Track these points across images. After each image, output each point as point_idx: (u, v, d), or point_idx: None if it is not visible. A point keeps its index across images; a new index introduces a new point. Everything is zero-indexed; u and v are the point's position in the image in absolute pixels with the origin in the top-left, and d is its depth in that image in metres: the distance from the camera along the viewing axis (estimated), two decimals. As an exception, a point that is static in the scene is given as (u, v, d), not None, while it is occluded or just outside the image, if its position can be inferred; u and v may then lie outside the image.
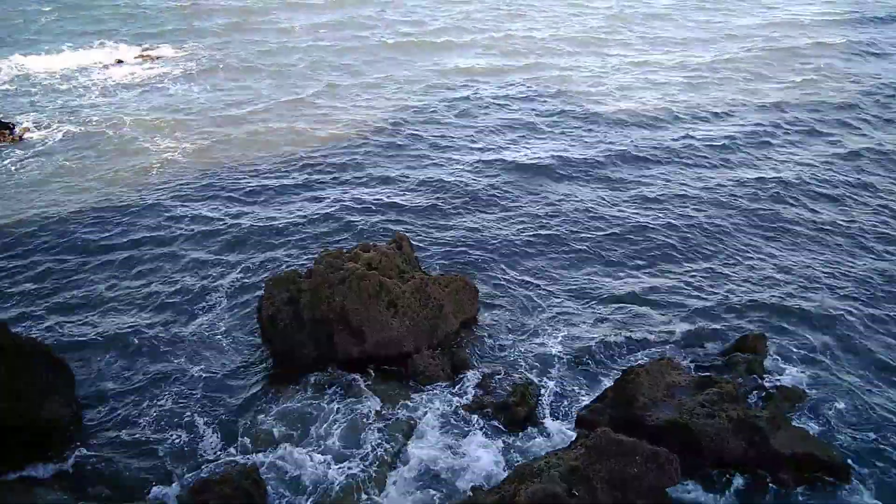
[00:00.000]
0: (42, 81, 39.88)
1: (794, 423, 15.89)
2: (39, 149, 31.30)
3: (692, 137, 32.49)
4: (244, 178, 28.57)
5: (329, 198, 27.17)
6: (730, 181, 28.38)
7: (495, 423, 16.51)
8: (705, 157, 30.57)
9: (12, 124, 33.52)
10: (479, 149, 31.29)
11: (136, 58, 43.75)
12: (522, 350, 19.08)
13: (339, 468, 15.23)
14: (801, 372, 18.03)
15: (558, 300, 21.19)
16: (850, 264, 22.82)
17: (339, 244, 23.05)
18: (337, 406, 16.98)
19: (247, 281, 21.97)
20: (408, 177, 28.79)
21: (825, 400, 17.16)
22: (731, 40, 49.51)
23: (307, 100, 36.87)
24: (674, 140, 32.26)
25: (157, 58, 43.73)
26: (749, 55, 45.55)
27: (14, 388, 15.45)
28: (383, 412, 16.75)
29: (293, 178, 28.72)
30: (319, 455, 15.52)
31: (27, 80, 40.22)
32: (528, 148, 31.40)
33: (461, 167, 29.53)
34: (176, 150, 30.90)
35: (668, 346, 19.14)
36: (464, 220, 25.68)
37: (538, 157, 30.34)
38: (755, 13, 57.34)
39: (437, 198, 27.05)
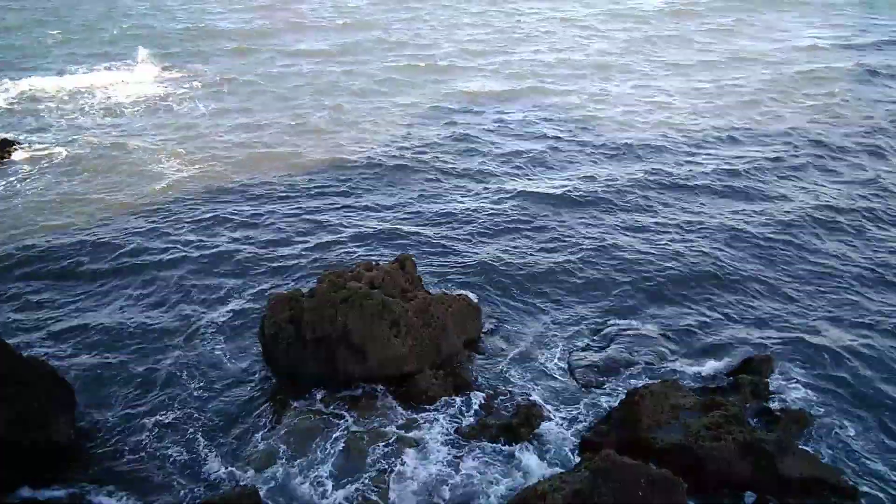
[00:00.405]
0: (49, 102, 40.18)
1: (801, 447, 15.67)
2: (43, 168, 31.43)
3: (701, 165, 32.31)
4: (248, 200, 28.62)
5: (333, 220, 27.19)
6: (739, 209, 28.19)
7: (498, 444, 16.33)
8: (713, 186, 30.28)
9: (17, 143, 33.71)
10: (484, 174, 31.24)
11: (142, 79, 44.08)
12: (526, 370, 18.93)
13: (340, 489, 15.06)
14: (808, 395, 17.85)
15: (562, 321, 21.07)
16: (860, 293, 22.61)
17: (343, 264, 23.03)
18: (338, 426, 16.83)
19: (249, 301, 21.91)
20: (412, 200, 28.80)
21: (833, 423, 16.96)
22: (742, 65, 49.70)
23: (312, 123, 37.04)
24: (682, 168, 32.08)
25: (165, 79, 44.06)
26: (761, 80, 45.68)
27: (18, 409, 15.36)
28: (385, 432, 16.58)
29: (297, 200, 28.75)
30: (320, 475, 15.36)
31: (34, 101, 40.54)
32: (533, 175, 31.35)
33: (466, 192, 29.52)
34: (181, 172, 30.99)
35: (672, 369, 18.97)
36: (468, 243, 25.65)
37: (543, 184, 30.34)
38: (765, 37, 57.64)
39: (442, 221, 27.04)
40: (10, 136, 34.61)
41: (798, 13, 65.59)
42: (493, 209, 27.99)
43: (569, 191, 29.57)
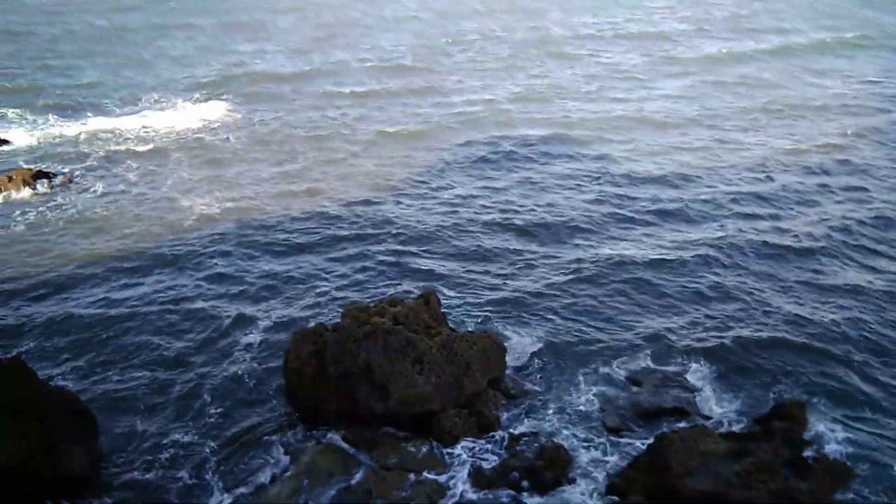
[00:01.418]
0: (86, 137, 40.90)
1: (836, 497, 15.13)
2: (75, 200, 31.97)
3: (721, 193, 32.30)
4: (276, 234, 28.76)
5: (359, 253, 27.24)
6: (764, 238, 27.92)
7: (523, 487, 15.95)
8: (736, 214, 30.29)
9: (52, 174, 34.40)
10: (512, 209, 31.02)
11: (179, 118, 44.62)
12: (551, 411, 18.59)
13: (360, 530, 14.77)
14: (844, 443, 17.27)
15: (589, 362, 20.72)
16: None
17: (367, 298, 22.98)
18: (358, 465, 16.59)
19: (274, 335, 21.88)
20: (438, 234, 28.75)
21: (869, 474, 16.36)
22: (758, 91, 49.69)
23: (344, 161, 37.06)
24: (699, 195, 32.14)
25: (200, 118, 44.47)
26: (783, 107, 45.59)
27: (39, 438, 15.38)
28: (406, 474, 16.29)
29: (324, 233, 28.86)
30: (340, 516, 15.10)
31: (72, 136, 41.34)
32: (559, 207, 31.18)
33: (492, 226, 29.36)
34: (212, 205, 31.27)
35: (702, 413, 18.51)
36: (494, 279, 25.48)
37: (569, 216, 30.24)
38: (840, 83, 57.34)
39: (468, 257, 26.94)
40: (46, 167, 35.24)
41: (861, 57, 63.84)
42: (519, 244, 27.87)
43: (591, 223, 29.54)
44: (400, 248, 27.61)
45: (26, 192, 32.37)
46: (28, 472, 15.02)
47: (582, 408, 18.75)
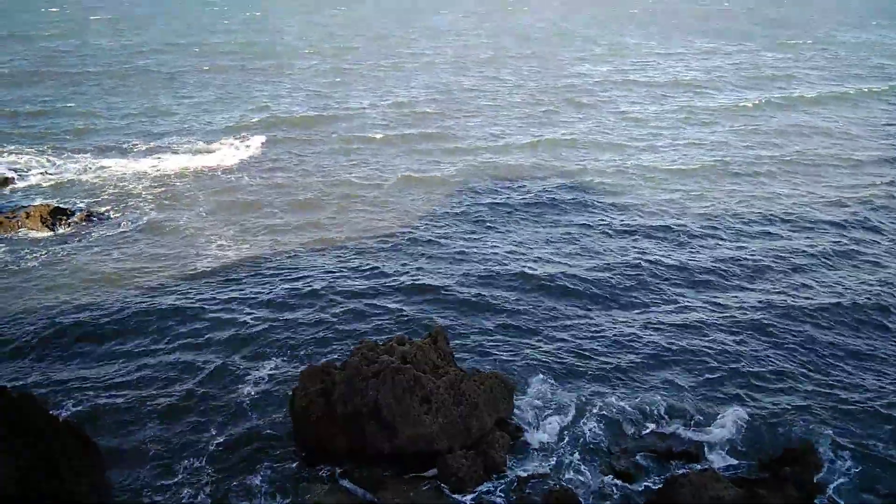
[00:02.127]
0: (105, 175, 41.66)
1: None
2: (94, 238, 32.46)
3: (743, 250, 31.60)
4: (289, 273, 29.04)
5: (369, 290, 27.43)
6: (777, 297, 27.66)
7: (529, 530, 15.76)
8: (751, 272, 29.67)
9: (70, 211, 35.00)
10: (525, 257, 30.99)
11: (201, 159, 45.24)
12: (559, 454, 18.47)
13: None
14: (856, 489, 17.00)
15: (598, 403, 20.63)
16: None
17: (376, 335, 23.04)
18: (365, 504, 16.47)
19: (283, 372, 21.98)
20: (449, 276, 28.86)
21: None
22: (785, 140, 49.69)
23: (357, 202, 37.56)
24: (715, 253, 31.58)
25: (223, 159, 44.89)
26: (811, 158, 45.38)
27: (47, 469, 15.42)
28: (412, 514, 16.16)
29: (336, 274, 29.10)
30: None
31: (90, 173, 42.14)
32: (574, 256, 31.09)
33: (504, 272, 29.32)
34: (226, 246, 31.71)
35: (710, 456, 18.31)
36: (501, 318, 25.56)
37: (584, 265, 30.27)
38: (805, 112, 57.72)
39: (477, 298, 26.99)
40: (63, 204, 35.88)
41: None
42: (530, 293, 27.73)
43: (605, 273, 29.38)
44: (411, 288, 27.73)
45: (44, 229, 32.90)
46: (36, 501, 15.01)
47: (590, 449, 18.62)
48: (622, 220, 35.02)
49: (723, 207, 36.83)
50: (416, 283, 28.09)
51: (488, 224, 34.40)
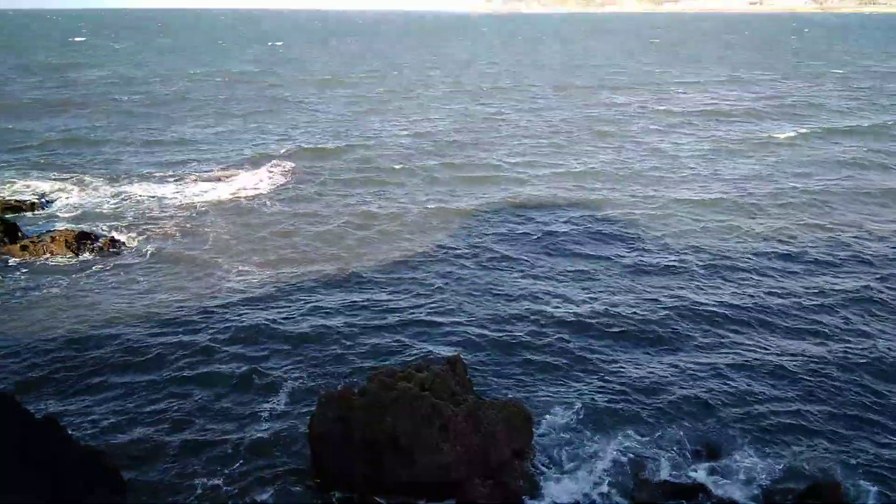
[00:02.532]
0: (129, 201, 42.40)
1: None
2: (116, 264, 32.90)
3: (772, 288, 30.43)
4: (308, 299, 29.18)
5: (389, 319, 27.45)
6: (807, 339, 27.14)
7: (547, 562, 15.55)
8: (778, 311, 28.51)
9: (95, 235, 35.56)
10: (543, 287, 30.79)
11: (217, 184, 46.08)
12: (578, 484, 18.23)
13: None
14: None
15: (618, 434, 20.39)
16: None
17: (395, 362, 23.04)
18: (382, 533, 16.34)
19: (300, 398, 22.00)
20: (470, 306, 28.80)
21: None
22: (807, 173, 49.18)
23: (378, 230, 37.78)
24: (742, 291, 30.46)
25: (238, 186, 45.76)
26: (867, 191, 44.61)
27: (66, 496, 15.49)
28: (430, 543, 16.01)
29: (355, 300, 29.19)
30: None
31: (114, 199, 42.91)
32: (590, 291, 30.78)
33: (522, 303, 29.20)
34: (248, 272, 31.93)
35: (734, 493, 18.00)
36: (521, 347, 25.43)
37: (600, 301, 30.13)
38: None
39: (496, 328, 26.89)
40: (90, 230, 36.41)
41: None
42: (556, 332, 27.50)
43: (646, 308, 28.95)
44: (430, 319, 27.70)
45: (68, 253, 33.42)
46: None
47: (610, 481, 18.37)
48: (647, 255, 34.31)
49: (751, 243, 35.89)
50: (436, 314, 28.05)
51: (510, 256, 34.10)
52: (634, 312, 28.18)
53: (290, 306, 28.50)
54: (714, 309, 28.56)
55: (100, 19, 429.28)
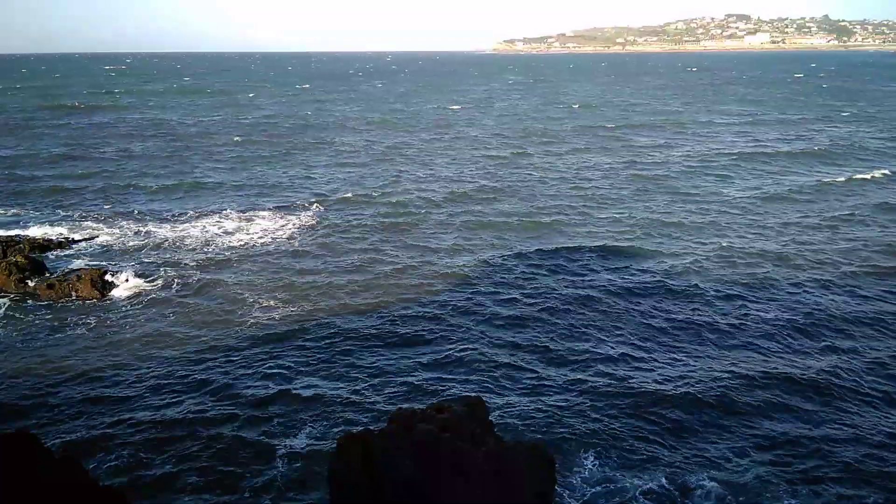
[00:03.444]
0: (154, 241, 43.00)
1: None
2: (140, 302, 33.25)
3: (834, 350, 28.26)
4: (329, 337, 29.16)
5: (409, 358, 27.28)
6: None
7: None
8: (832, 375, 27.12)
9: (119, 274, 36.02)
10: (572, 334, 30.48)
11: (242, 225, 46.54)
12: (602, 532, 17.67)
13: None
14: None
15: (643, 480, 19.84)
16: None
17: (415, 403, 22.76)
18: (400, 580, 15.92)
19: (320, 439, 21.77)
20: (494, 348, 28.57)
21: None
22: (867, 222, 47.32)
23: (404, 268, 37.81)
24: (800, 354, 29.27)
25: (263, 228, 46.20)
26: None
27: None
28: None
29: (379, 338, 29.13)
30: None
31: (139, 239, 43.57)
32: (622, 339, 30.44)
33: (549, 349, 28.74)
34: (271, 310, 32.02)
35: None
36: (544, 389, 25.07)
37: (634, 347, 29.81)
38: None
39: (521, 371, 26.55)
40: (115, 269, 37.01)
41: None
42: (578, 375, 27.18)
43: (675, 354, 28.65)
44: (452, 357, 27.49)
45: (93, 292, 33.78)
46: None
47: (635, 529, 17.79)
48: (685, 304, 33.07)
49: (813, 302, 33.05)
50: (458, 356, 27.79)
51: (537, 303, 33.45)
52: (663, 355, 27.76)
53: (311, 347, 28.42)
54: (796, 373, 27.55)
55: (122, 61, 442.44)
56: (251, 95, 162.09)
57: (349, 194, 55.51)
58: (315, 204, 51.94)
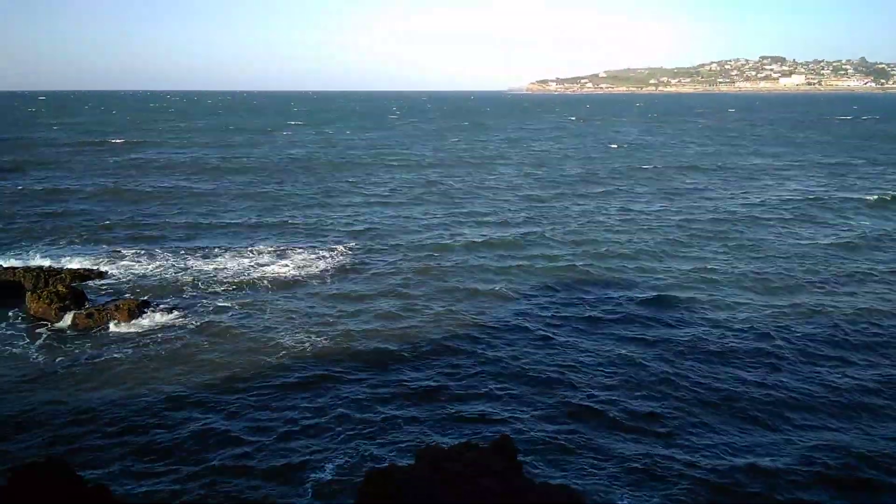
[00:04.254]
0: (191, 273, 43.80)
1: None
2: (176, 332, 33.80)
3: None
4: (358, 375, 29.18)
5: (438, 396, 27.19)
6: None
7: None
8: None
9: (155, 305, 36.72)
10: (604, 377, 30.42)
11: (278, 258, 47.16)
12: (632, 579, 17.22)
13: None
14: None
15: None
16: None
17: (443, 441, 22.61)
18: None
19: (347, 475, 21.69)
20: (519, 384, 28.43)
21: None
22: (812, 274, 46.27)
23: (435, 306, 37.74)
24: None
25: (298, 262, 46.83)
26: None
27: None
28: None
29: (405, 375, 29.12)
30: None
31: (176, 271, 44.44)
32: (638, 390, 30.29)
33: (581, 391, 28.58)
34: (303, 343, 32.25)
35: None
36: (573, 432, 24.71)
37: (673, 388, 29.31)
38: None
39: (547, 408, 26.33)
40: (152, 301, 37.80)
41: None
42: (616, 421, 26.83)
43: (714, 399, 28.09)
44: (482, 395, 27.33)
45: (131, 322, 34.49)
46: None
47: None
48: (755, 366, 31.36)
49: None
50: (487, 393, 27.63)
51: (577, 346, 33.07)
52: (702, 400, 27.25)
53: (340, 383, 28.45)
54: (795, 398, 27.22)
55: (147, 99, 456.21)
56: (286, 133, 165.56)
57: (381, 233, 55.69)
58: (348, 242, 52.35)
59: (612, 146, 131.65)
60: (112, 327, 34.19)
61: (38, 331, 33.90)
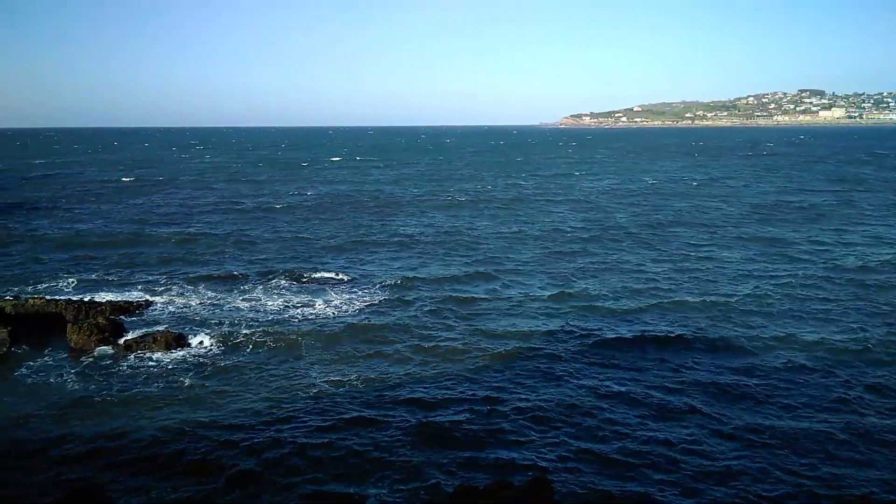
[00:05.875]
0: (227, 308, 44.18)
1: None
2: (210, 365, 34.07)
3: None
4: (390, 414, 28.72)
5: (472, 434, 26.71)
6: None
7: None
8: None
9: (192, 339, 37.19)
10: (643, 417, 29.77)
11: (312, 297, 47.26)
12: None
13: None
14: None
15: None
16: None
17: (478, 480, 22.14)
18: None
19: (378, 510, 21.33)
20: (554, 424, 27.87)
21: None
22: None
23: (469, 344, 37.26)
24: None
25: (335, 300, 46.91)
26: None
27: None
28: None
29: (438, 414, 28.67)
30: None
31: (217, 306, 44.88)
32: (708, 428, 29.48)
33: (609, 422, 28.15)
34: (336, 380, 32.15)
35: None
36: (614, 471, 24.03)
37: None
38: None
39: (584, 452, 25.67)
40: (188, 333, 38.21)
41: None
42: (651, 456, 26.21)
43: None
44: (517, 433, 26.77)
45: (167, 354, 34.88)
46: None
47: None
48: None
49: None
50: (522, 432, 27.11)
51: (611, 389, 32.95)
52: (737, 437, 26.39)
53: (374, 420, 28.06)
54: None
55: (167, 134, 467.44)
56: (319, 168, 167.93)
57: (415, 277, 53.90)
58: (387, 282, 51.71)
59: (650, 181, 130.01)
60: (149, 359, 34.57)
61: (77, 361, 34.45)
